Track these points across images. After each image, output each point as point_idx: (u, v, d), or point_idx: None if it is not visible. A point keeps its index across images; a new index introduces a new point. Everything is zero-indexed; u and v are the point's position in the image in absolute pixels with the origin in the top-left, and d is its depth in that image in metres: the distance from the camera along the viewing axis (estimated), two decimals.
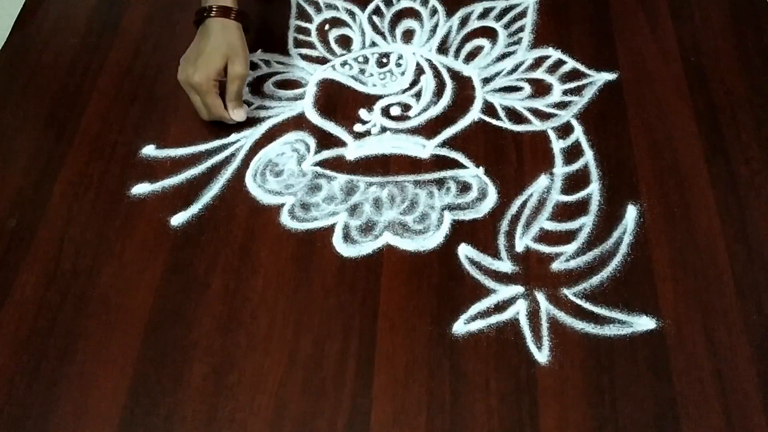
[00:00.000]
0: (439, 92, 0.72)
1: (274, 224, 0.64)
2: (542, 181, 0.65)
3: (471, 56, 0.75)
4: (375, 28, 0.79)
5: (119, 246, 0.63)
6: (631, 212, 0.62)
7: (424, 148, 0.68)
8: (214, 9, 0.66)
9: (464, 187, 0.65)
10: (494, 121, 0.69)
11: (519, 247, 0.61)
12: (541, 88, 0.72)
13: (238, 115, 0.68)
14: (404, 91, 0.73)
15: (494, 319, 0.57)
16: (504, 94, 0.72)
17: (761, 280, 0.58)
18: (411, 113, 0.71)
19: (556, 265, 0.60)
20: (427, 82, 0.73)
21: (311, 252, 0.62)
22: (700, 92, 0.70)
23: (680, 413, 0.52)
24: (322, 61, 0.76)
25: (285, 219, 0.64)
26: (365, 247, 0.62)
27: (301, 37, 0.78)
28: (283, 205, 0.65)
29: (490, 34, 0.77)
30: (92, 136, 0.71)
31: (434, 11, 0.79)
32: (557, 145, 0.67)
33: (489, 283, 0.59)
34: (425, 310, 0.58)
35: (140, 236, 0.63)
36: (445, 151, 0.68)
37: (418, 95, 0.72)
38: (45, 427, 0.54)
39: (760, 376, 0.53)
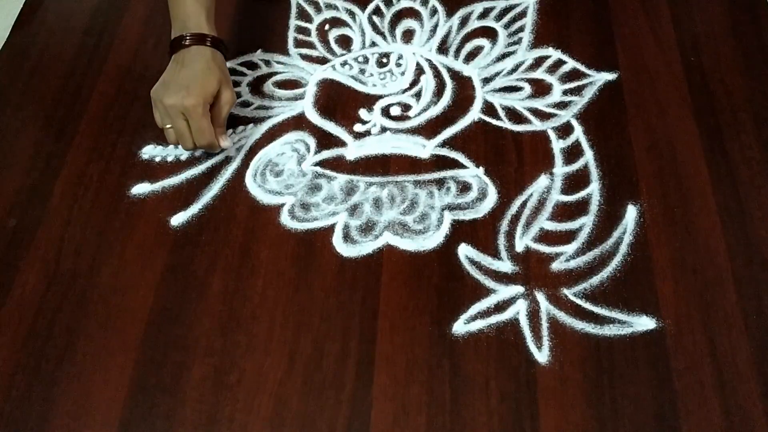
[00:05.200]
0: (439, 92, 0.72)
1: (274, 224, 0.64)
2: (542, 181, 0.65)
3: (471, 56, 0.75)
4: (375, 28, 0.79)
5: (119, 246, 0.63)
6: (631, 212, 0.62)
7: (424, 148, 0.68)
8: (190, 36, 0.64)
9: (464, 187, 0.65)
10: (494, 121, 0.69)
11: (519, 247, 0.61)
12: (541, 88, 0.72)
13: (226, 141, 0.66)
14: (404, 91, 0.73)
15: (494, 319, 0.57)
16: (504, 94, 0.72)
17: (761, 280, 0.58)
18: (411, 113, 0.71)
19: (556, 265, 0.60)
20: (427, 82, 0.73)
21: (311, 252, 0.62)
22: (700, 92, 0.70)
23: (680, 413, 0.52)
24: (322, 61, 0.76)
25: (285, 219, 0.64)
26: (365, 247, 0.62)
27: (301, 37, 0.78)
28: (283, 205, 0.65)
29: (490, 34, 0.77)
30: (92, 136, 0.71)
31: (434, 11, 0.79)
32: (557, 145, 0.67)
33: (489, 283, 0.59)
34: (425, 310, 0.58)
35: (140, 236, 0.63)
36: (445, 151, 0.68)
37: (418, 95, 0.72)
38: (45, 427, 0.54)
39: (760, 376, 0.53)
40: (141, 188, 0.67)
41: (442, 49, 0.76)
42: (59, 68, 0.77)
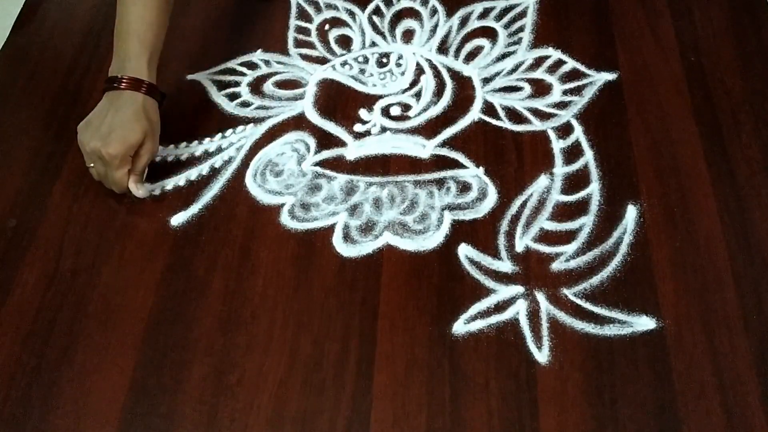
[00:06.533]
0: (439, 92, 0.72)
1: (274, 224, 0.64)
2: (542, 181, 0.65)
3: (471, 56, 0.75)
4: (375, 28, 0.79)
5: (119, 246, 0.63)
6: (631, 212, 0.62)
7: (424, 148, 0.68)
8: (126, 80, 0.62)
9: (464, 187, 0.65)
10: (494, 121, 0.69)
11: (519, 247, 0.61)
12: (541, 88, 0.72)
13: (141, 190, 0.64)
14: (404, 91, 0.73)
15: (494, 319, 0.57)
16: (504, 94, 0.72)
17: (761, 280, 0.58)
18: (411, 113, 0.71)
19: (556, 265, 0.60)
20: (427, 82, 0.73)
21: (311, 252, 0.62)
22: (700, 92, 0.70)
23: (680, 413, 0.52)
24: (322, 61, 0.76)
25: (285, 219, 0.64)
26: (365, 247, 0.62)
27: (301, 37, 0.78)
28: (283, 205, 0.65)
29: (490, 34, 0.77)
30: None
31: (434, 11, 0.79)
32: (557, 145, 0.67)
33: (489, 283, 0.59)
34: (425, 310, 0.58)
35: (140, 236, 0.63)
36: (445, 151, 0.68)
37: (418, 95, 0.72)
38: (45, 427, 0.54)
39: (760, 376, 0.53)
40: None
41: (442, 49, 0.76)
42: (59, 68, 0.77)
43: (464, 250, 0.61)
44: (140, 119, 0.62)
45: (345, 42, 0.78)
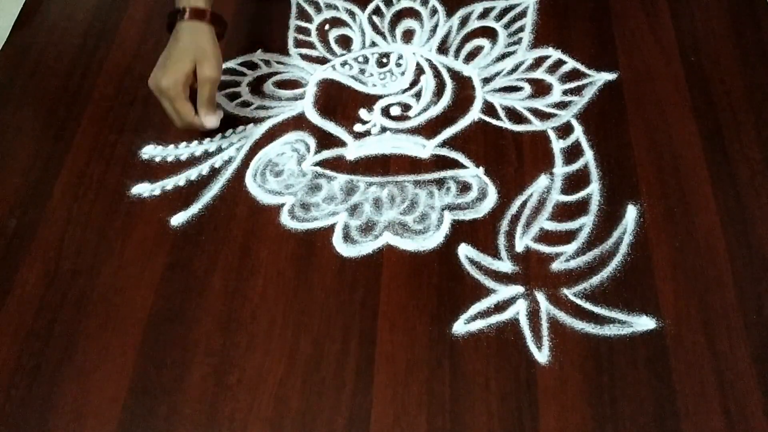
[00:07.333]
0: (439, 92, 0.72)
1: (274, 224, 0.64)
2: (542, 181, 0.65)
3: (471, 56, 0.75)
4: (375, 28, 0.79)
5: (119, 246, 0.63)
6: (631, 212, 0.62)
7: (424, 148, 0.68)
8: (187, 11, 0.63)
9: (464, 187, 0.65)
10: (494, 121, 0.69)
11: (519, 247, 0.61)
12: (541, 88, 0.72)
13: (209, 121, 0.65)
14: (404, 91, 0.73)
15: (494, 319, 0.57)
16: (504, 94, 0.72)
17: (761, 280, 0.58)
18: (411, 113, 0.71)
19: (556, 265, 0.60)
20: (427, 82, 0.73)
21: (311, 252, 0.62)
22: (700, 92, 0.70)
23: (680, 413, 0.52)
24: (322, 61, 0.76)
25: (285, 219, 0.64)
26: (365, 247, 0.62)
27: (301, 37, 0.78)
28: (283, 205, 0.65)
29: (490, 34, 0.77)
30: (92, 136, 0.71)
31: (434, 11, 0.79)
32: (557, 145, 0.67)
33: (489, 283, 0.59)
34: (425, 310, 0.58)
35: (140, 236, 0.63)
36: (445, 151, 0.68)
37: (418, 95, 0.72)
38: (45, 427, 0.54)
39: (760, 376, 0.53)
40: (141, 188, 0.67)
41: (442, 49, 0.76)
42: (59, 68, 0.77)
43: (464, 250, 0.61)
44: (188, 47, 0.62)
45: (345, 42, 0.78)
